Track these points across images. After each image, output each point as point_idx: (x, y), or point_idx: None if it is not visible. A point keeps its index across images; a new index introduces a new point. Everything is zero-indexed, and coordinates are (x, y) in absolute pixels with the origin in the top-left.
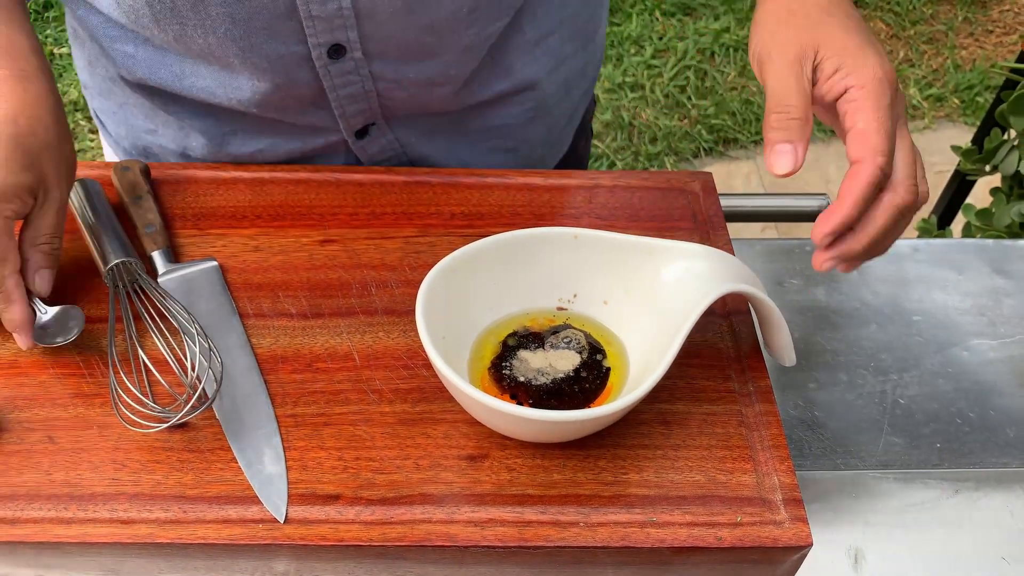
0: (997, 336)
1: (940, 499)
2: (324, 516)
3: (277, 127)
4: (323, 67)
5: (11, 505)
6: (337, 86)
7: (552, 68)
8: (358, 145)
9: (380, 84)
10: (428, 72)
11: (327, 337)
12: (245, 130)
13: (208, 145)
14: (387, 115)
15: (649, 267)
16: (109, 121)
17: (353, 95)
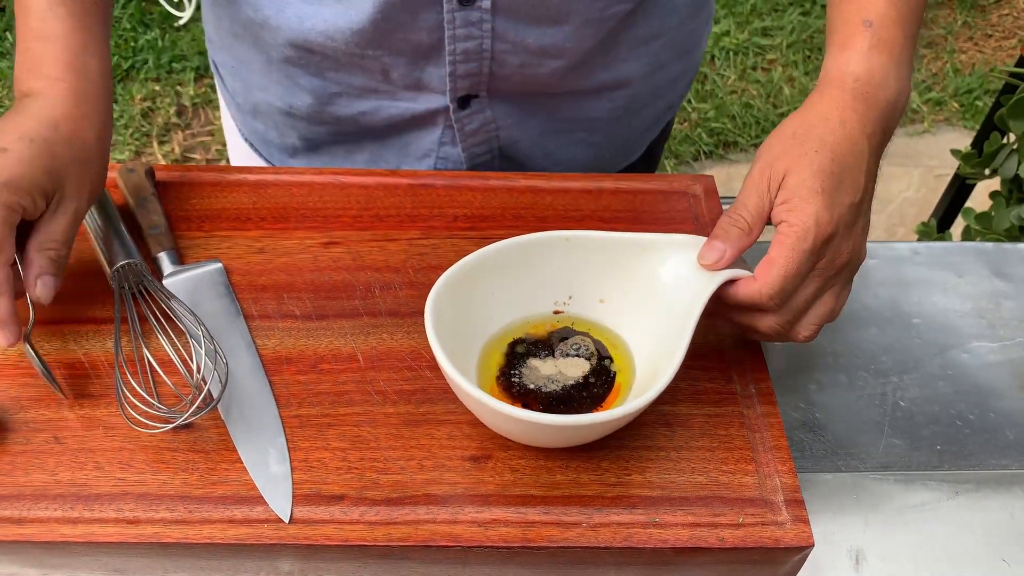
0: (997, 339)
1: (940, 501)
2: (329, 516)
3: (382, 87)
4: (450, 12)
5: (17, 505)
6: (458, 37)
7: (649, 72)
8: (459, 116)
9: (498, 45)
10: (546, 40)
11: (331, 338)
12: (350, 92)
13: (313, 104)
14: (492, 88)
15: (644, 263)
16: (228, 76)
17: (469, 51)
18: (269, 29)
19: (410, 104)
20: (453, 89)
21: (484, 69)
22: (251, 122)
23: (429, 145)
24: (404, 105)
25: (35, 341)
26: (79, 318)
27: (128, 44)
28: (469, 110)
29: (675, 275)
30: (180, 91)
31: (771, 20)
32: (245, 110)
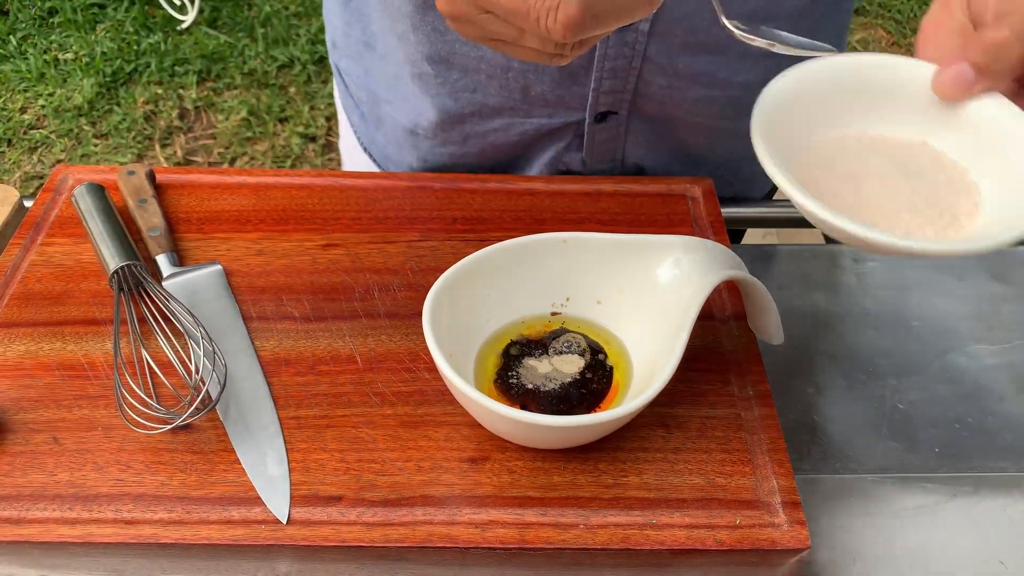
0: (996, 342)
1: (938, 503)
2: (326, 517)
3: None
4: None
5: (16, 505)
6: (608, 56)
7: None
8: (592, 129)
9: (646, 66)
10: (697, 67)
11: (330, 340)
12: (483, 111)
13: (439, 124)
14: (632, 106)
15: (640, 264)
16: (353, 85)
17: (616, 69)
18: (407, 42)
19: (544, 120)
20: (594, 105)
21: (628, 86)
22: (374, 133)
23: (554, 153)
24: (538, 121)
25: (32, 341)
26: (78, 319)
27: (131, 47)
28: (604, 124)
29: (672, 275)
30: (182, 94)
31: None
32: (370, 121)
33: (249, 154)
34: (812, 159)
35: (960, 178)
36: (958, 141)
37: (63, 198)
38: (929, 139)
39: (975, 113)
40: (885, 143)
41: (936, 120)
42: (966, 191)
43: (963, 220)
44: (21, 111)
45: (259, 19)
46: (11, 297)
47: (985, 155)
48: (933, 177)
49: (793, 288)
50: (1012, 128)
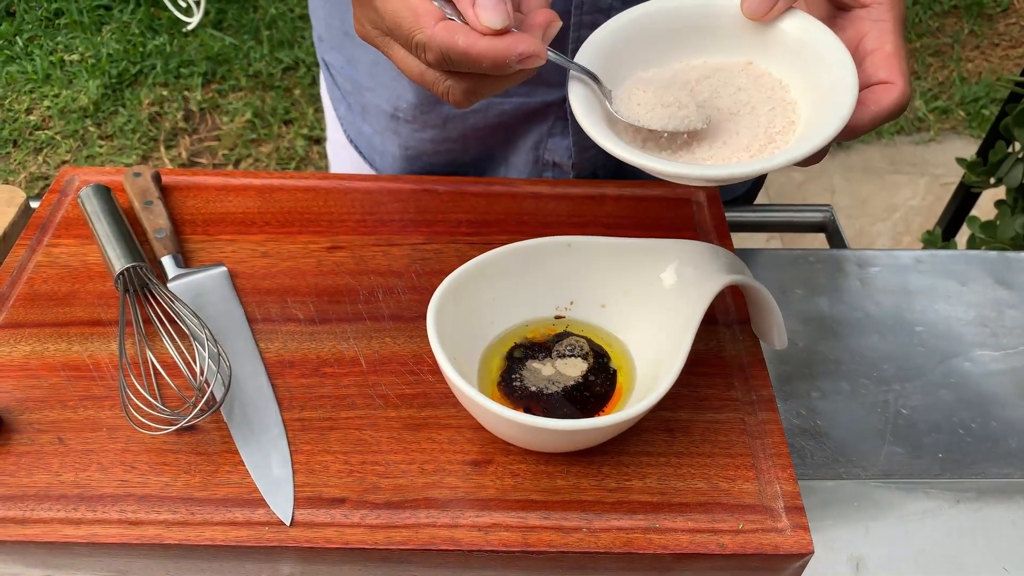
0: (1000, 347)
1: (942, 509)
2: (330, 519)
3: None
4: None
5: (21, 505)
6: (583, 24)
7: None
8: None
9: None
10: None
11: (334, 342)
12: None
13: (418, 106)
14: None
15: (644, 268)
16: (339, 76)
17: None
18: None
19: (523, 99)
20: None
21: None
22: (360, 124)
23: (537, 137)
24: (517, 100)
25: (38, 342)
26: (84, 320)
27: (136, 49)
28: None
29: (676, 279)
30: (188, 96)
31: None
32: (355, 111)
33: (253, 156)
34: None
35: (780, 96)
36: (778, 59)
37: (69, 199)
38: (755, 59)
39: (787, 32)
40: (708, 67)
41: (759, 45)
42: (783, 108)
43: (778, 140)
44: (27, 112)
45: (264, 21)
46: (17, 298)
47: (799, 70)
48: (750, 96)
49: (796, 292)
50: (812, 43)
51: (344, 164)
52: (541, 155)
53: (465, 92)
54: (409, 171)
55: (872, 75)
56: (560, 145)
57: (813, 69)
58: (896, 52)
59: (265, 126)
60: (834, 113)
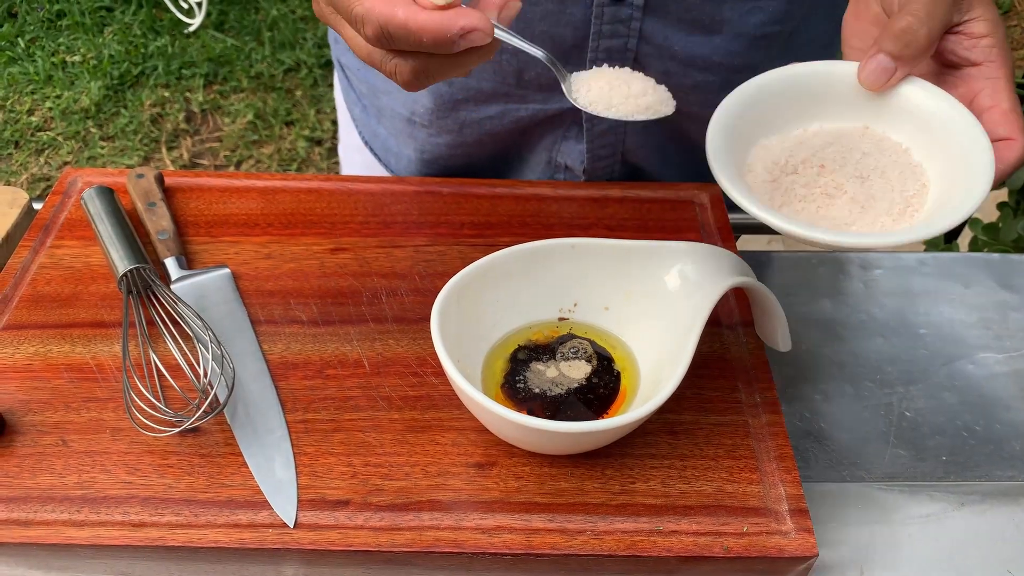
0: (1003, 350)
1: (946, 512)
2: (333, 521)
3: (513, 91)
4: (599, 6)
5: (24, 507)
6: (603, 34)
7: None
8: (590, 116)
9: (643, 47)
10: (694, 49)
11: (337, 344)
12: (477, 98)
13: (435, 111)
14: None
15: (648, 270)
16: (355, 78)
17: (612, 50)
18: None
19: (541, 106)
20: None
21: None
22: (375, 126)
23: (551, 140)
24: (534, 107)
25: (41, 343)
26: (87, 321)
27: (138, 50)
28: None
29: (680, 281)
30: (189, 97)
31: None
32: (371, 113)
33: (255, 157)
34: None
35: (905, 159)
36: (896, 125)
37: (72, 201)
38: (871, 124)
39: (905, 99)
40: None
41: (872, 110)
42: (912, 173)
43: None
44: (29, 113)
45: (266, 23)
46: (20, 299)
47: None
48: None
49: (800, 295)
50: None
51: (357, 168)
52: (554, 157)
53: (413, 72)
54: (425, 174)
55: (992, 132)
56: (573, 149)
57: (936, 132)
58: (1013, 108)
59: (267, 127)
60: (977, 174)
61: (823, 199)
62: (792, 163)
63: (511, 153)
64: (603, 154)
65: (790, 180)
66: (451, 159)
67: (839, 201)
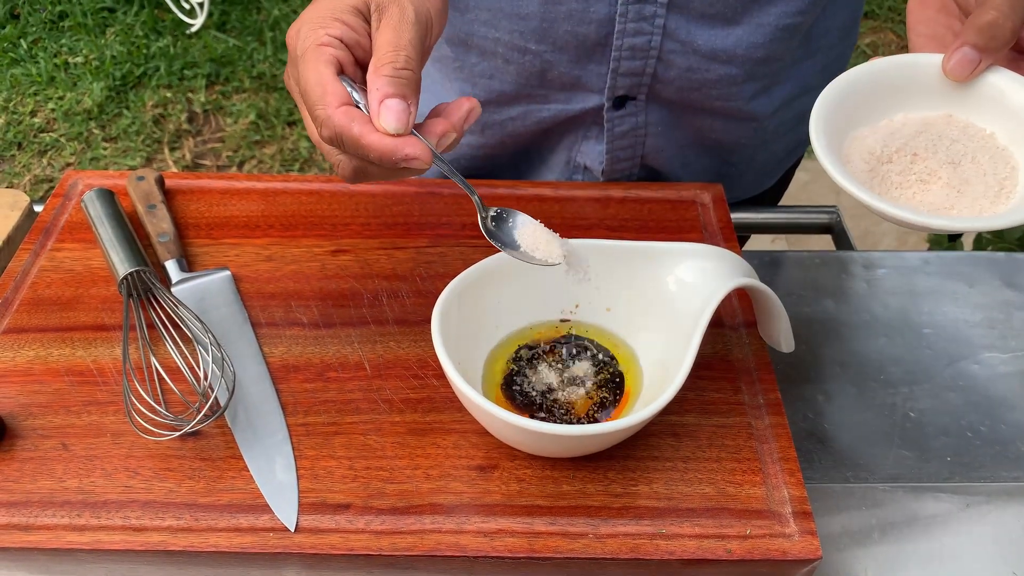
0: (1008, 349)
1: (951, 513)
2: (334, 525)
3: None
4: (624, 4)
5: (25, 512)
6: (627, 32)
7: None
8: (611, 116)
9: (667, 43)
10: (716, 42)
11: (338, 347)
12: (500, 99)
13: None
14: (651, 92)
15: (650, 271)
16: None
17: (636, 47)
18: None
19: (563, 106)
20: (612, 87)
21: (648, 68)
22: None
23: (572, 140)
24: (556, 108)
25: (42, 347)
26: (88, 325)
27: (140, 51)
28: (623, 111)
29: (682, 283)
30: (191, 98)
31: None
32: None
33: (257, 157)
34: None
35: (991, 142)
36: (978, 111)
37: (73, 203)
38: (953, 111)
39: (987, 87)
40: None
41: (955, 98)
42: (1001, 156)
43: (1007, 185)
44: (31, 114)
45: (268, 23)
46: (21, 302)
47: (1005, 121)
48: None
49: (803, 295)
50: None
51: None
52: (573, 158)
53: (353, 171)
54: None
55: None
56: (594, 149)
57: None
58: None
59: (269, 127)
60: None
61: (918, 185)
62: (887, 152)
63: (532, 153)
64: (623, 156)
65: (886, 169)
66: (473, 159)
67: (935, 187)
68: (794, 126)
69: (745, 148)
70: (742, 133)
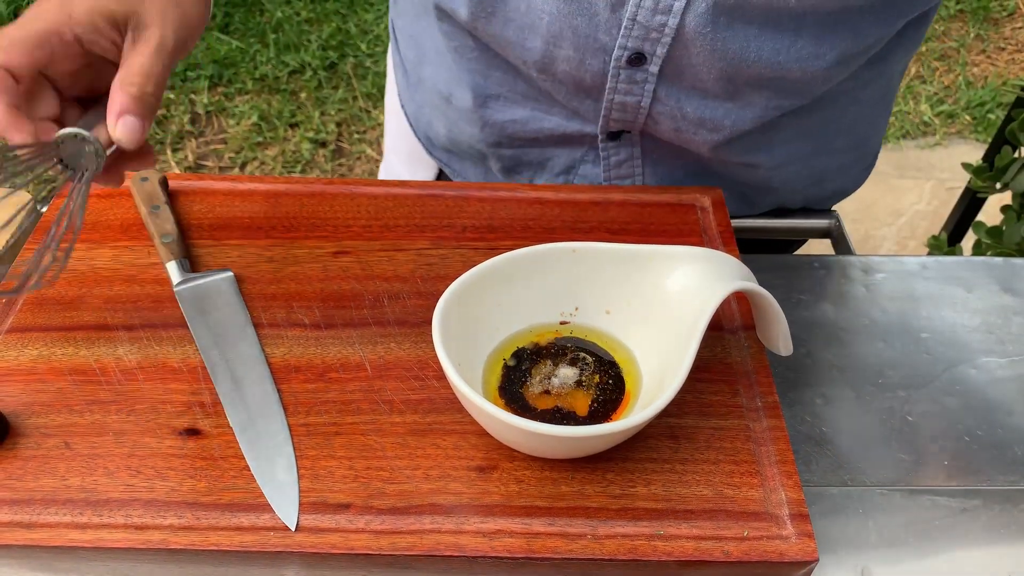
0: (1006, 354)
1: (948, 516)
2: (335, 525)
3: (541, 98)
4: (616, 69)
5: (27, 510)
6: (618, 91)
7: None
8: (606, 146)
9: (656, 106)
10: (706, 112)
11: (340, 347)
12: (508, 96)
13: (471, 100)
14: (644, 131)
15: (650, 274)
16: (404, 43)
17: (626, 105)
18: (448, 13)
19: (562, 121)
20: (604, 127)
21: (639, 121)
22: (413, 92)
23: (569, 162)
24: (557, 121)
25: (45, 346)
26: (91, 324)
27: None
28: (618, 142)
29: (681, 286)
30: (194, 99)
31: None
32: (412, 80)
33: (259, 159)
34: None
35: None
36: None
37: None
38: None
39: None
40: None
41: None
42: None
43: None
44: None
45: (271, 25)
46: (25, 302)
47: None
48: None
49: (802, 299)
50: None
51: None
52: (571, 180)
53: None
54: (449, 156)
55: None
56: (591, 172)
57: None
58: None
59: (271, 129)
60: None
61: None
62: None
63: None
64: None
65: None
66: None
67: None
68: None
69: (751, 190)
70: (746, 176)
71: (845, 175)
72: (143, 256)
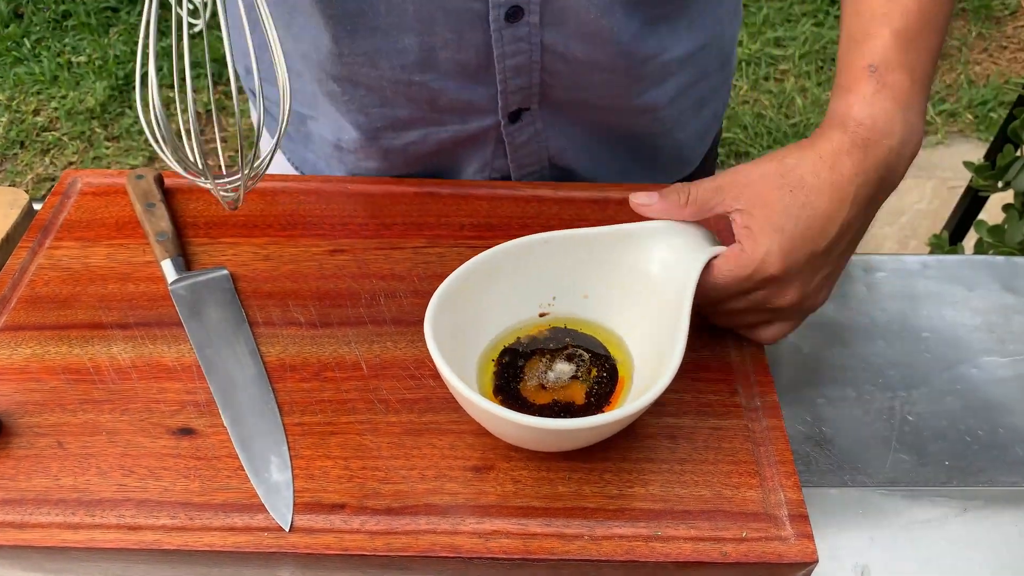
0: (1007, 354)
1: (948, 517)
2: (329, 525)
3: (429, 115)
4: (497, 30)
5: (19, 509)
6: (507, 54)
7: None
8: (509, 130)
9: (547, 56)
10: (593, 54)
11: (335, 346)
12: (396, 124)
13: (361, 139)
14: (543, 99)
15: (625, 254)
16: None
17: (519, 66)
18: (310, 62)
19: (459, 127)
20: (504, 105)
21: (535, 80)
22: (303, 152)
23: (481, 161)
24: (454, 128)
25: (38, 345)
26: (85, 323)
27: None
28: (520, 123)
29: (660, 262)
30: (195, 98)
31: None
32: (297, 140)
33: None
34: None
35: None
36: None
37: (71, 201)
38: None
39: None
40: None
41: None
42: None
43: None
44: (34, 113)
45: None
46: (18, 300)
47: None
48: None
49: None
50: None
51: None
52: (483, 171)
53: None
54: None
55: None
56: (502, 165)
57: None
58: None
59: None
60: None
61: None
62: None
63: (444, 174)
64: (528, 162)
65: None
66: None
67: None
68: (697, 112)
69: (648, 138)
70: (640, 124)
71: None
72: (138, 254)
